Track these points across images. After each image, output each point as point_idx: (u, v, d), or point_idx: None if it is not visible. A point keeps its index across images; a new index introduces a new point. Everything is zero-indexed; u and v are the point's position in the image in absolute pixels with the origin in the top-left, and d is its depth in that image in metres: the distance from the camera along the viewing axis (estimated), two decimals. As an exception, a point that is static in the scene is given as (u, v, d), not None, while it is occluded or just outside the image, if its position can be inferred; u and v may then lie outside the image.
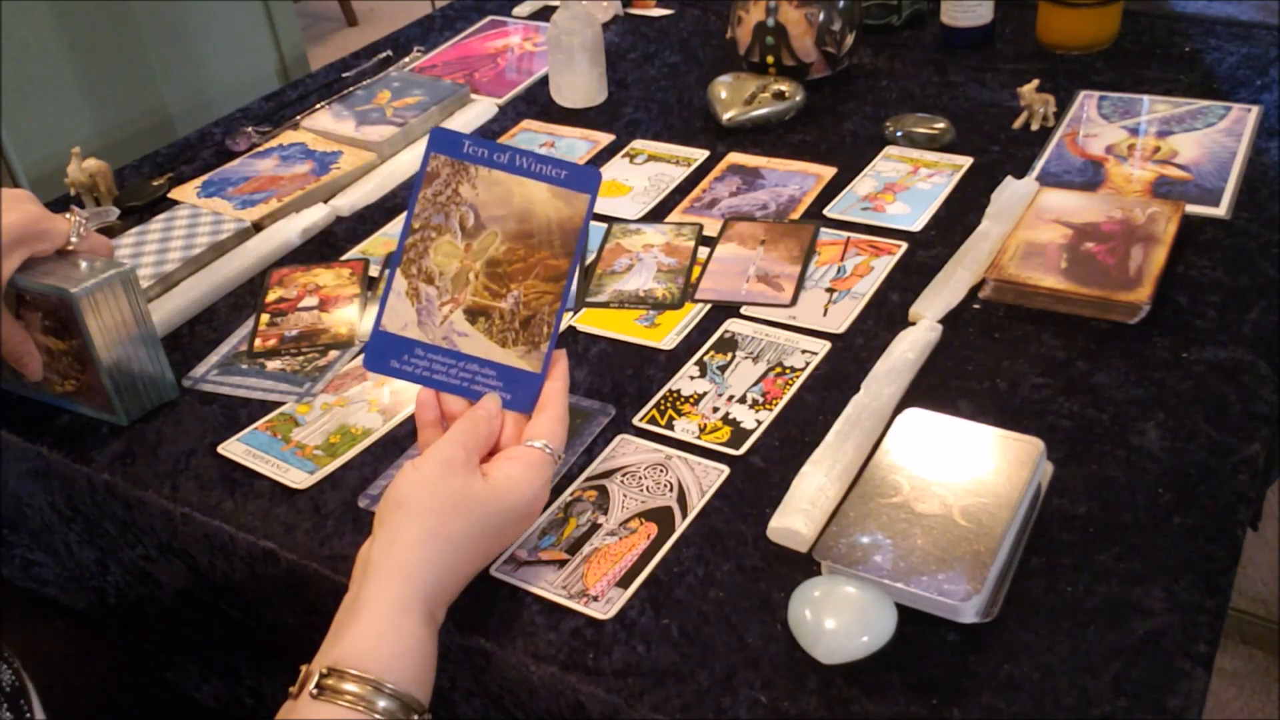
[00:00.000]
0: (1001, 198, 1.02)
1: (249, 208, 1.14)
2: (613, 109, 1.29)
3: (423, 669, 0.62)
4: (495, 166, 0.72)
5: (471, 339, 0.73)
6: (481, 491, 0.67)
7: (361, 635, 0.61)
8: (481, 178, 0.72)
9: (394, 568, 0.63)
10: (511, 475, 0.68)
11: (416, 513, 0.65)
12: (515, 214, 0.72)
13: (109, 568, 0.93)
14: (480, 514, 0.66)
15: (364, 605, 0.62)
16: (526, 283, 0.72)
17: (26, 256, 0.82)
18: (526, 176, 0.72)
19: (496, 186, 0.72)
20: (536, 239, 0.72)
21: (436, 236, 0.72)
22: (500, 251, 0.72)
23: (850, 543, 0.67)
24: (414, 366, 0.73)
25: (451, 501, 0.66)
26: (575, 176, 0.72)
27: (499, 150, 0.72)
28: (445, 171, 0.72)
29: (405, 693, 0.60)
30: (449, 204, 0.72)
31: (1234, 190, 1.01)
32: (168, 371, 0.90)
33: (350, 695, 0.59)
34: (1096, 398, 0.81)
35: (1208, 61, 1.25)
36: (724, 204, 1.08)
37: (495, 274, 0.72)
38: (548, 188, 0.71)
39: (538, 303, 0.72)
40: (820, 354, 0.88)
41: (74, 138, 1.49)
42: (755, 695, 0.63)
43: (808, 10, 1.21)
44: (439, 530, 0.65)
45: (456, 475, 0.66)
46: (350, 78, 1.40)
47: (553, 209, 0.72)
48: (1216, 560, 0.68)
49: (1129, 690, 0.61)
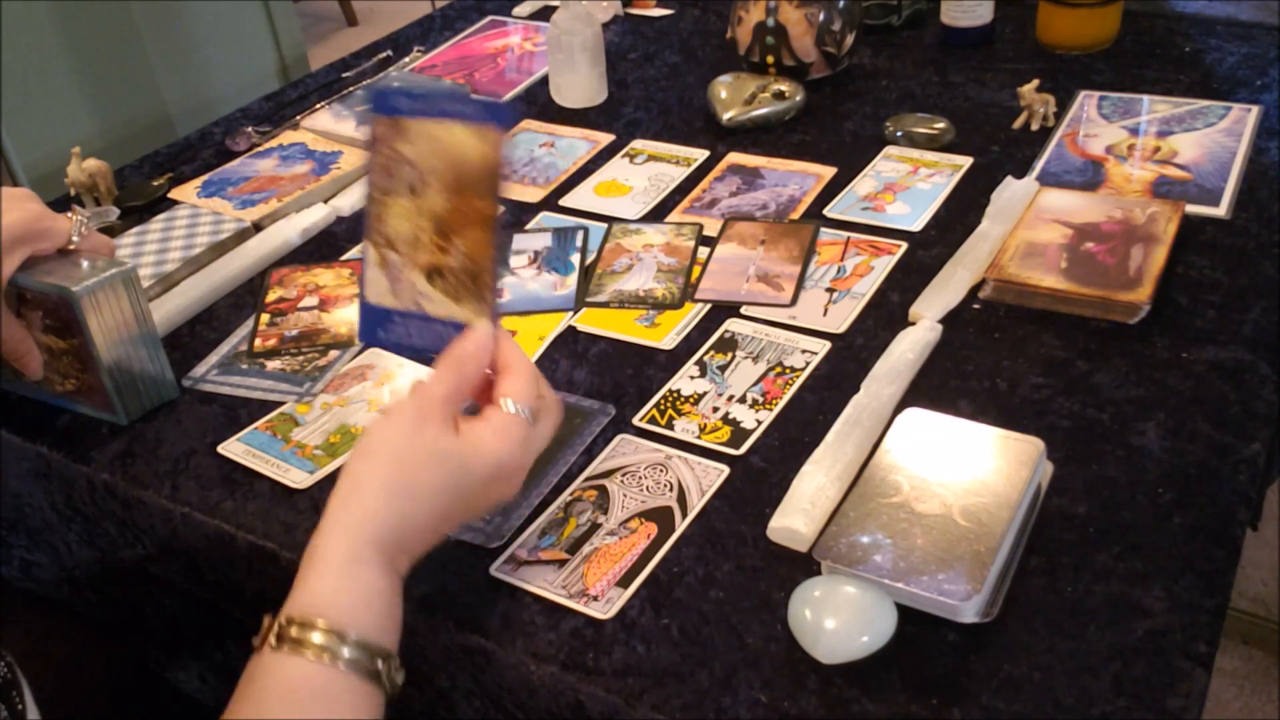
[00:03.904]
0: (1001, 198, 1.02)
1: (249, 208, 1.14)
2: (613, 109, 1.29)
3: (385, 616, 0.61)
4: (419, 115, 0.70)
5: (434, 300, 0.71)
6: (450, 446, 0.64)
7: (320, 585, 0.61)
8: (415, 132, 0.70)
9: (351, 517, 0.62)
10: (481, 437, 0.65)
11: (380, 461, 0.64)
12: (447, 162, 0.70)
13: (108, 568, 0.93)
14: (445, 470, 0.64)
15: (321, 554, 0.62)
16: (465, 233, 0.70)
17: (28, 255, 0.82)
18: (443, 118, 0.70)
19: (426, 137, 0.70)
20: (465, 183, 0.70)
21: (390, 200, 0.71)
22: (441, 205, 0.71)
23: (850, 543, 0.67)
24: (395, 334, 0.73)
25: (416, 452, 0.63)
26: (489, 110, 0.69)
27: (419, 97, 0.70)
28: (385, 132, 0.71)
29: (369, 640, 0.59)
30: (393, 164, 0.71)
31: (1234, 190, 1.01)
32: (168, 371, 0.90)
33: (314, 646, 0.58)
34: (1096, 398, 0.81)
35: (1208, 61, 1.25)
36: (724, 204, 1.08)
37: (440, 229, 0.71)
38: (465, 127, 0.69)
39: (477, 251, 0.70)
40: (820, 354, 0.88)
41: (74, 138, 1.49)
42: (755, 695, 0.63)
43: (808, 10, 1.21)
44: (402, 480, 0.63)
45: (427, 427, 0.64)
46: (350, 78, 1.40)
47: (473, 150, 0.69)
48: (1216, 560, 0.68)
49: (1129, 690, 0.61)
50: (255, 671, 0.59)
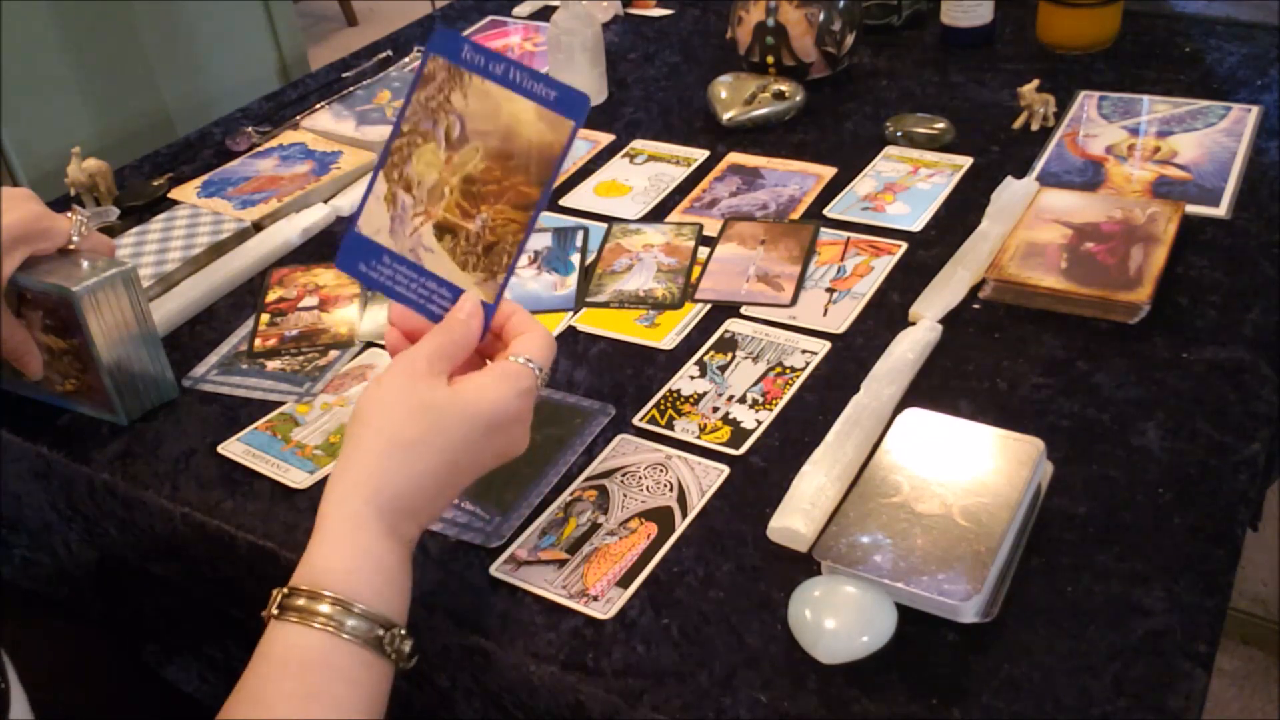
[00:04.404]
0: (1001, 198, 1.02)
1: (249, 208, 1.14)
2: (613, 109, 1.29)
3: (386, 583, 0.60)
4: (489, 77, 0.68)
5: (436, 256, 0.70)
6: (442, 398, 0.63)
7: (316, 553, 0.60)
8: (474, 88, 0.68)
9: (349, 482, 0.62)
10: (480, 382, 0.64)
11: (372, 423, 0.62)
12: (499, 132, 0.68)
13: (109, 568, 0.93)
14: (440, 421, 0.62)
15: (321, 523, 0.61)
16: (496, 206, 0.69)
17: (28, 255, 0.82)
18: (517, 92, 0.68)
19: (486, 99, 0.68)
20: (515, 161, 0.68)
21: (422, 143, 0.69)
22: (479, 169, 0.69)
23: (850, 543, 0.67)
24: (379, 274, 0.71)
25: (408, 408, 0.62)
26: (565, 100, 0.67)
27: (495, 60, 0.68)
28: (441, 75, 0.69)
29: (367, 606, 0.59)
30: (439, 110, 0.69)
31: (1234, 190, 1.01)
32: (168, 371, 0.90)
33: (310, 613, 0.58)
34: (1096, 398, 0.81)
35: (1208, 61, 1.25)
36: (724, 204, 1.08)
37: (469, 192, 0.69)
38: (535, 108, 0.68)
39: (503, 229, 0.68)
40: (820, 354, 0.88)
41: (74, 138, 1.49)
42: (755, 695, 0.63)
43: (808, 10, 1.21)
44: (395, 439, 0.62)
45: (416, 383, 0.63)
46: (350, 78, 1.40)
47: (536, 132, 0.68)
48: (1216, 560, 0.68)
49: (1129, 690, 0.61)
50: (261, 642, 0.59)
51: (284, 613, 0.59)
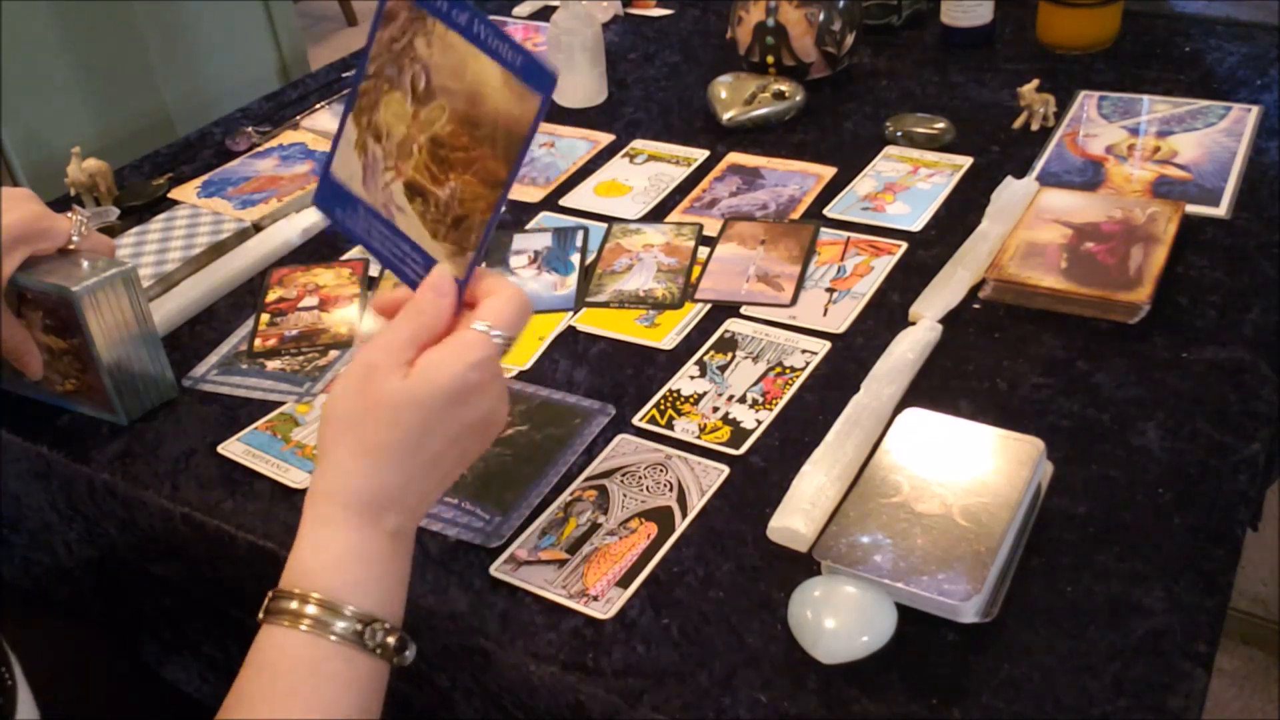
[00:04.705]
0: (1001, 198, 1.02)
1: (249, 208, 1.14)
2: (613, 109, 1.29)
3: (366, 575, 0.60)
4: (452, 26, 0.64)
5: (407, 217, 0.66)
6: (397, 392, 0.60)
7: (297, 556, 0.60)
8: (438, 36, 0.64)
9: (322, 489, 0.61)
10: (433, 359, 0.61)
11: (333, 424, 0.61)
12: (465, 93, 0.64)
13: (109, 568, 0.93)
14: (398, 415, 0.60)
15: (300, 528, 0.61)
16: (464, 177, 0.65)
17: (28, 255, 0.82)
18: (482, 50, 0.63)
19: (451, 52, 0.64)
20: (482, 131, 0.64)
21: (389, 89, 0.66)
22: (445, 131, 0.65)
23: (850, 543, 0.67)
24: (356, 225, 0.68)
25: (365, 409, 0.60)
26: (531, 69, 0.62)
27: (459, 8, 0.64)
28: (403, 15, 0.65)
29: (340, 601, 0.58)
30: (403, 56, 0.65)
31: (1234, 190, 1.01)
32: (168, 371, 0.90)
33: (288, 613, 0.58)
34: (1096, 398, 0.81)
35: (1208, 61, 1.25)
36: (724, 204, 1.08)
37: (438, 156, 0.65)
38: (501, 73, 0.63)
39: (472, 204, 0.65)
40: (820, 354, 0.88)
41: (74, 138, 1.49)
42: (755, 695, 0.63)
43: (808, 10, 1.21)
44: (359, 443, 0.60)
45: (374, 380, 0.60)
46: (350, 78, 1.40)
47: (502, 101, 0.63)
48: (1216, 560, 0.68)
49: (1129, 690, 0.61)
50: (252, 646, 0.60)
51: (269, 615, 0.59)
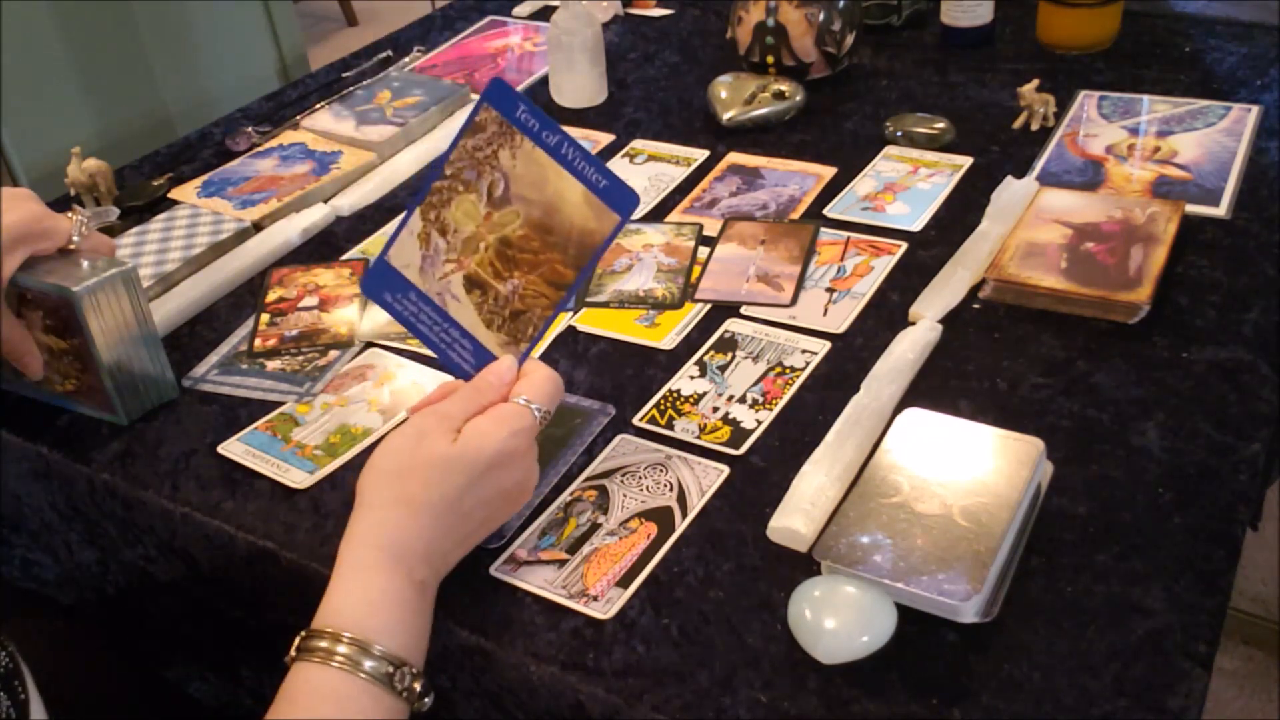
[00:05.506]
0: (1001, 198, 1.02)
1: (249, 208, 1.14)
2: (613, 109, 1.29)
3: (397, 621, 0.63)
4: (540, 145, 0.68)
5: (462, 306, 0.71)
6: (444, 455, 0.66)
7: (331, 598, 0.63)
8: (524, 151, 0.68)
9: (357, 530, 0.65)
10: (479, 429, 0.67)
11: (378, 477, 0.67)
12: (543, 203, 0.69)
13: (109, 568, 0.93)
14: (443, 478, 0.66)
15: (336, 570, 0.64)
16: (529, 277, 0.70)
17: (28, 255, 0.82)
18: (567, 169, 0.68)
19: (535, 166, 0.68)
20: (554, 238, 0.69)
21: (463, 191, 0.70)
22: (517, 235, 0.69)
23: (850, 543, 0.67)
24: (404, 307, 0.72)
25: (412, 466, 0.66)
26: (615, 192, 0.68)
27: (550, 130, 0.68)
28: (492, 128, 0.68)
29: (371, 641, 0.61)
30: (485, 164, 0.69)
31: (1234, 190, 1.01)
32: (168, 371, 0.90)
33: (320, 650, 0.61)
34: (1096, 398, 0.81)
35: (1208, 61, 1.25)
36: (724, 204, 1.08)
37: (504, 255, 0.70)
38: (584, 192, 0.68)
39: (533, 301, 0.70)
40: (820, 354, 0.88)
41: (74, 138, 1.49)
42: (755, 695, 0.63)
43: (808, 10, 1.21)
44: (400, 495, 0.65)
45: (424, 442, 0.66)
46: (350, 78, 1.40)
47: (580, 216, 0.68)
48: (1216, 560, 0.68)
49: (1129, 690, 0.61)
50: (282, 685, 0.62)
51: (301, 654, 0.61)
